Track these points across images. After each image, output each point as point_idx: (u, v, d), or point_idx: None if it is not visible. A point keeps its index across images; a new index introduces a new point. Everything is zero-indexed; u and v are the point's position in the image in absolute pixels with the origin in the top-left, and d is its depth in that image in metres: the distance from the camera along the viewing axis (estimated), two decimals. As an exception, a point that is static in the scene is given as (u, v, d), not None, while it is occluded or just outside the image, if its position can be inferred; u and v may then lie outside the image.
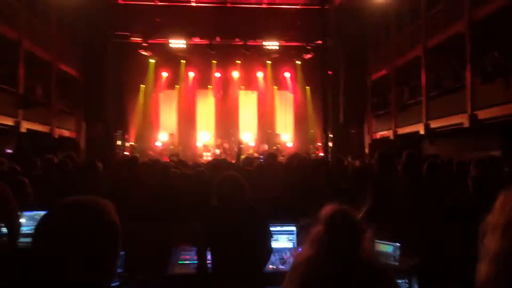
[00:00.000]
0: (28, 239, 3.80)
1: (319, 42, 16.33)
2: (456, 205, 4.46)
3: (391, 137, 16.31)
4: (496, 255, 1.13)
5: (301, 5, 17.24)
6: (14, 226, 3.84)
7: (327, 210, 1.04)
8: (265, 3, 17.61)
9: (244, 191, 3.33)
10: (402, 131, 15.75)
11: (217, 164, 6.33)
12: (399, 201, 4.71)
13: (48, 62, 15.01)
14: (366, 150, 18.27)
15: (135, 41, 18.28)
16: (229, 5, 17.69)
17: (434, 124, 13.45)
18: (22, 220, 4.10)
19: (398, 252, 3.63)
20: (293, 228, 4.04)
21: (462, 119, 11.73)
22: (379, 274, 0.95)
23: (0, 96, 11.96)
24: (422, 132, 13.96)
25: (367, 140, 18.69)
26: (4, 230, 3.86)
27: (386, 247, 3.68)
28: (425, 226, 4.57)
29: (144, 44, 18.37)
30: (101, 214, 1.26)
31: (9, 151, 12.57)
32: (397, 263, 3.63)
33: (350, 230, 1.00)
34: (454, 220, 4.40)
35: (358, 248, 0.99)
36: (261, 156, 14.38)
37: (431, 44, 13.70)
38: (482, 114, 11.00)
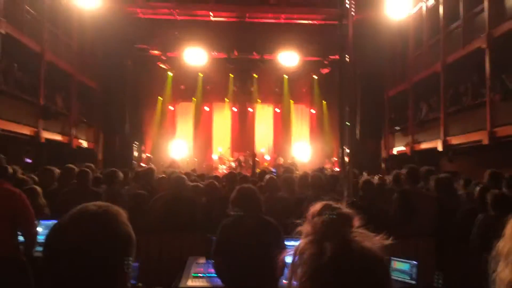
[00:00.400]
0: (44, 248, 3.82)
1: (336, 57, 16.36)
2: (475, 224, 4.38)
3: (409, 153, 16.13)
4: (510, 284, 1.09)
5: (319, 20, 17.29)
6: (31, 235, 3.88)
7: (314, 207, 1.12)
8: (283, 18, 17.71)
9: (259, 204, 3.32)
10: (419, 147, 15.58)
11: (232, 177, 6.32)
12: (423, 219, 4.64)
13: (68, 73, 15.30)
14: (383, 166, 18.09)
15: (154, 54, 18.55)
16: (247, 19, 17.85)
17: (452, 141, 13.27)
18: (39, 229, 4.13)
19: (415, 270, 3.56)
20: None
21: (481, 136, 11.53)
22: (370, 257, 0.99)
23: (21, 107, 12.19)
24: (440, 148, 13.77)
25: (384, 156, 18.52)
26: (21, 238, 3.91)
27: (402, 265, 3.62)
28: (445, 244, 4.49)
29: (162, 57, 18.62)
30: (112, 222, 1.23)
31: (28, 160, 12.76)
32: (414, 282, 3.56)
33: (340, 217, 1.06)
34: (474, 239, 4.31)
35: (349, 233, 1.03)
36: (274, 170, 14.28)
37: (450, 60, 13.58)
38: (502, 131, 10.81)
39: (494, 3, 11.55)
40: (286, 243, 3.43)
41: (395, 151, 17.79)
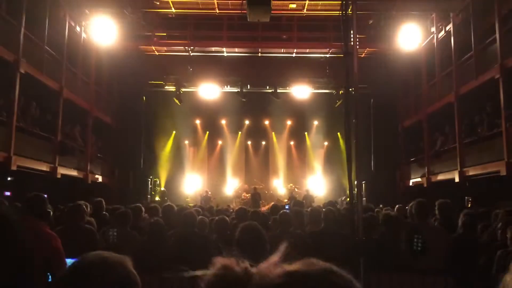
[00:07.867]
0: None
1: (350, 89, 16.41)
2: (495, 261, 4.23)
3: (425, 185, 15.87)
4: None
5: (330, 53, 17.46)
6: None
7: None
8: (295, 52, 17.93)
9: (264, 244, 3.26)
10: (436, 178, 15.33)
11: (243, 213, 6.27)
12: (435, 254, 4.50)
13: (85, 110, 15.59)
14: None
15: (168, 89, 18.85)
16: (259, 54, 18.11)
17: (469, 172, 13.04)
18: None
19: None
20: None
21: (498, 167, 11.32)
22: None
23: (38, 143, 12.40)
24: (457, 179, 13.53)
25: (400, 188, 18.25)
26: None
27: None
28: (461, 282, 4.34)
29: (177, 92, 18.90)
30: (113, 272, 1.24)
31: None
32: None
33: None
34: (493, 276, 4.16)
35: None
36: (287, 207, 14.07)
37: (463, 91, 13.50)
38: (520, 162, 10.61)
39: (506, 33, 11.55)
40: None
41: (411, 182, 17.54)
